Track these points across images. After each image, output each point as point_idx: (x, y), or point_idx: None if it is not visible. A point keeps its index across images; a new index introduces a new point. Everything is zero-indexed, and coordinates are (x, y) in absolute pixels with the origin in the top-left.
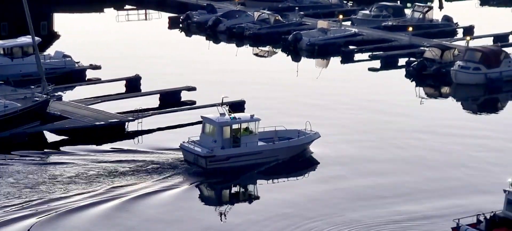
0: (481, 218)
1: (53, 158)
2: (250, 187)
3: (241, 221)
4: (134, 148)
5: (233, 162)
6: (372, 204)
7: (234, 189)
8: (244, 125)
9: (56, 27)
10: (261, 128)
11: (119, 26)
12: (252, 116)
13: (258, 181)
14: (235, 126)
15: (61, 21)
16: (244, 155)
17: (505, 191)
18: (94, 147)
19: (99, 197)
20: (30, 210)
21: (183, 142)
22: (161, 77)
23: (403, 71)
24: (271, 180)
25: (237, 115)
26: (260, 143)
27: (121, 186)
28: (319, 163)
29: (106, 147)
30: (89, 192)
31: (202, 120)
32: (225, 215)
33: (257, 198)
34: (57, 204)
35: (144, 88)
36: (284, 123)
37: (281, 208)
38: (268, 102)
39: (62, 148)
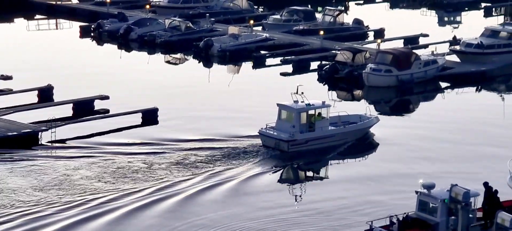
0: (394, 219)
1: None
2: (333, 168)
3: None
4: (211, 137)
5: (311, 145)
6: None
7: (320, 171)
8: (317, 111)
9: None
10: None
11: (29, 35)
12: (323, 102)
13: (339, 162)
14: (310, 112)
15: None
16: (320, 138)
17: (417, 192)
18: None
19: (202, 184)
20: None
21: (262, 128)
22: (74, 87)
23: (315, 75)
24: (346, 161)
25: (310, 101)
26: (330, 127)
27: (220, 172)
28: (379, 144)
29: (189, 136)
30: (190, 179)
31: (278, 106)
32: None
33: (344, 177)
34: (182, 187)
35: (56, 98)
36: (203, 128)
37: (363, 187)
38: (181, 109)
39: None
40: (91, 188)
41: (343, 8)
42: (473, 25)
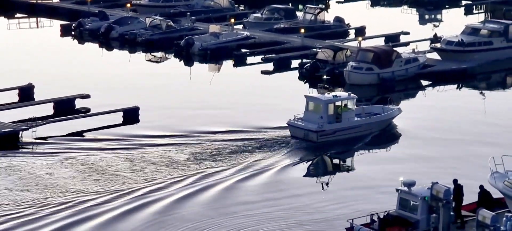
0: (375, 217)
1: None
2: (364, 157)
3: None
4: (239, 128)
5: (338, 135)
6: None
7: (349, 160)
8: (344, 102)
9: None
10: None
11: (10, 34)
12: (349, 94)
13: (366, 151)
14: (337, 103)
15: None
16: (347, 129)
17: (397, 190)
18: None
19: (243, 173)
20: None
21: (290, 120)
22: (55, 86)
23: (296, 73)
24: (374, 151)
25: (336, 93)
26: (356, 118)
27: (254, 162)
28: (401, 134)
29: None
30: (227, 168)
31: (305, 98)
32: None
33: (376, 166)
34: (220, 177)
35: (37, 97)
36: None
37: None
38: (162, 108)
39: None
40: (89, 187)
41: (323, 6)
42: (453, 23)
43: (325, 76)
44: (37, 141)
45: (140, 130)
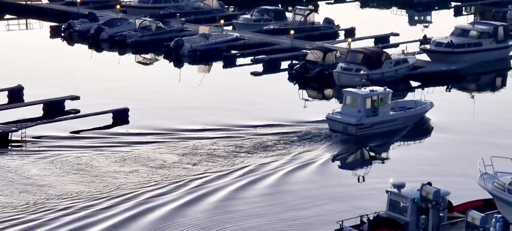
0: (365, 219)
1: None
2: (403, 149)
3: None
4: (278, 122)
5: (376, 128)
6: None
7: (385, 152)
8: (380, 96)
9: None
10: None
11: None
12: (385, 88)
13: (405, 143)
14: (374, 97)
15: None
16: (383, 122)
17: (387, 191)
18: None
19: (290, 164)
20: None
21: (329, 113)
22: (44, 87)
23: (286, 74)
24: (412, 143)
25: (373, 88)
26: (391, 112)
27: (297, 155)
28: (433, 127)
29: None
30: (275, 160)
31: (343, 93)
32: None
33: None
34: (262, 170)
35: (27, 98)
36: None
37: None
38: (151, 109)
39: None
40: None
41: (313, 8)
42: (443, 24)
43: (361, 73)
44: (27, 142)
45: (163, 122)
